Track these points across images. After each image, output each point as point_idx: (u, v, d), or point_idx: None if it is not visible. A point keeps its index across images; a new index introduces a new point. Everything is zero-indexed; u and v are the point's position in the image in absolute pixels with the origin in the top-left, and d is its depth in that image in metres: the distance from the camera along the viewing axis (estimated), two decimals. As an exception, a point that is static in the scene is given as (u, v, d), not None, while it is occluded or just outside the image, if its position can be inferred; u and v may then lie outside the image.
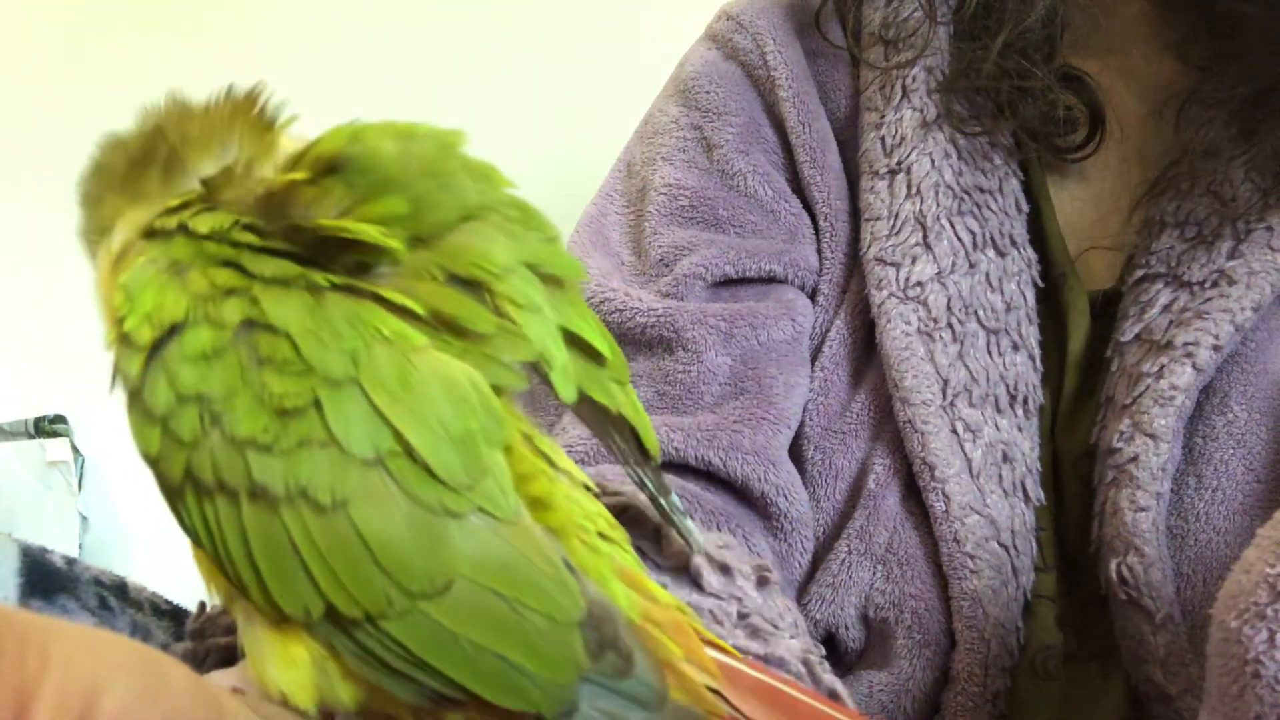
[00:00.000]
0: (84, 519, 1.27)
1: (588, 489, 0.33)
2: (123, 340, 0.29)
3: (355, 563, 0.27)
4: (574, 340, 0.33)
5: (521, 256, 0.32)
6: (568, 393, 0.33)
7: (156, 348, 0.28)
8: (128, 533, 1.28)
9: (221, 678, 0.31)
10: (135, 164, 0.32)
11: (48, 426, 1.28)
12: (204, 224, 0.29)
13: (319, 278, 0.29)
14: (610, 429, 0.36)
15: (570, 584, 0.29)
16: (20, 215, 1.32)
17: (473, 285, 0.31)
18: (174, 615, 0.50)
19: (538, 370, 0.32)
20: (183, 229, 0.30)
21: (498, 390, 0.30)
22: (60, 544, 1.16)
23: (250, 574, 0.28)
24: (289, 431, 0.27)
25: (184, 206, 0.30)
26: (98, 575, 0.48)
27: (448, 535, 0.28)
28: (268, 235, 0.29)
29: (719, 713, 0.30)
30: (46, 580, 0.46)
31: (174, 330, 0.28)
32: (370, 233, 0.29)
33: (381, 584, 0.27)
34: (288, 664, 0.29)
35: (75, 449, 1.28)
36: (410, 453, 0.28)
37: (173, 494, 0.29)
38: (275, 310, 0.28)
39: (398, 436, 0.28)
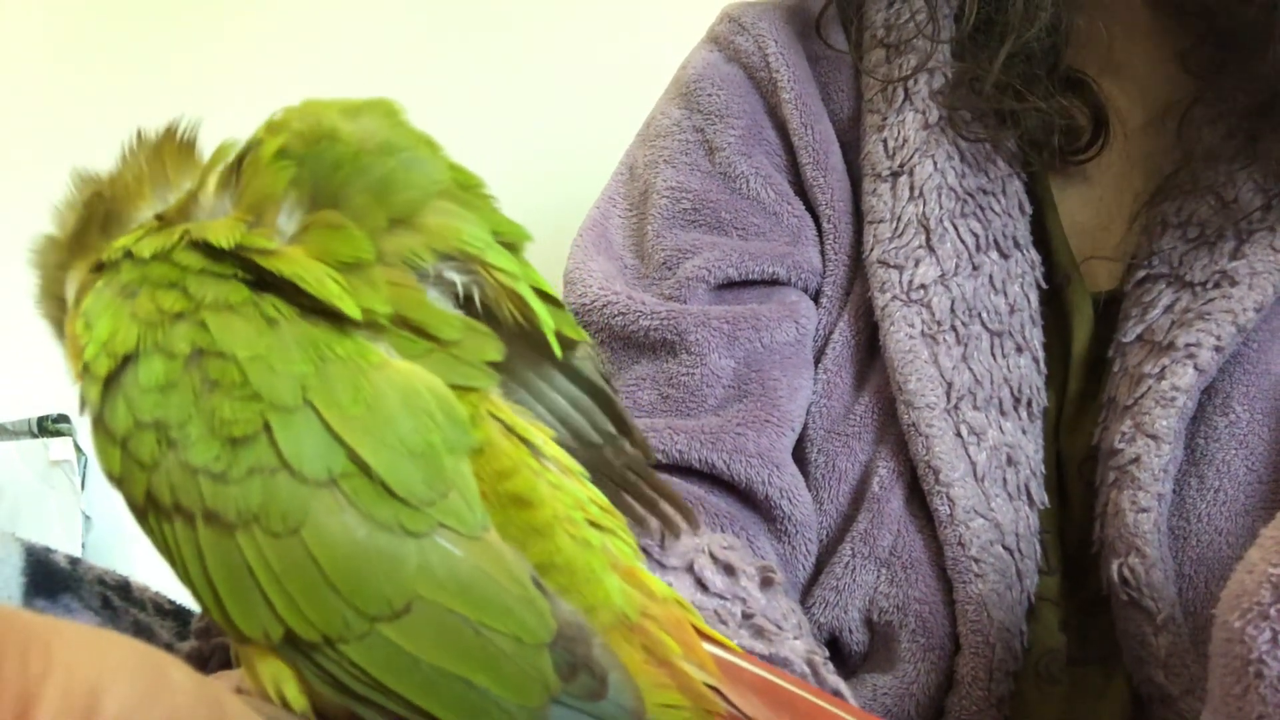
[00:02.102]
0: (87, 518, 1.27)
1: (582, 475, 0.33)
2: (84, 369, 0.29)
3: (310, 586, 0.27)
4: (544, 297, 0.33)
5: (488, 226, 0.32)
6: (560, 351, 0.33)
7: (113, 377, 0.28)
8: (131, 532, 1.28)
9: (223, 678, 0.31)
10: (78, 231, 0.32)
11: (51, 426, 1.28)
12: (147, 247, 0.29)
13: (268, 305, 0.28)
14: (591, 402, 0.35)
15: (539, 603, 0.28)
16: (21, 215, 1.32)
17: (463, 261, 0.31)
18: (177, 615, 0.50)
19: (530, 340, 0.32)
20: (128, 255, 0.30)
21: (469, 390, 0.30)
22: (63, 543, 1.16)
23: (209, 596, 0.28)
24: (240, 460, 0.27)
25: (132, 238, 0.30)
26: (101, 575, 0.48)
27: (405, 556, 0.27)
28: (219, 257, 0.29)
29: (718, 711, 0.30)
30: (50, 580, 0.46)
31: (128, 360, 0.28)
32: (327, 288, 0.28)
33: (337, 607, 0.27)
34: (272, 675, 0.28)
35: (78, 448, 1.28)
36: (367, 471, 0.27)
37: (138, 512, 0.29)
38: (223, 336, 0.28)
39: (352, 456, 0.27)
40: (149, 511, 0.28)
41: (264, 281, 0.29)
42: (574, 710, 0.28)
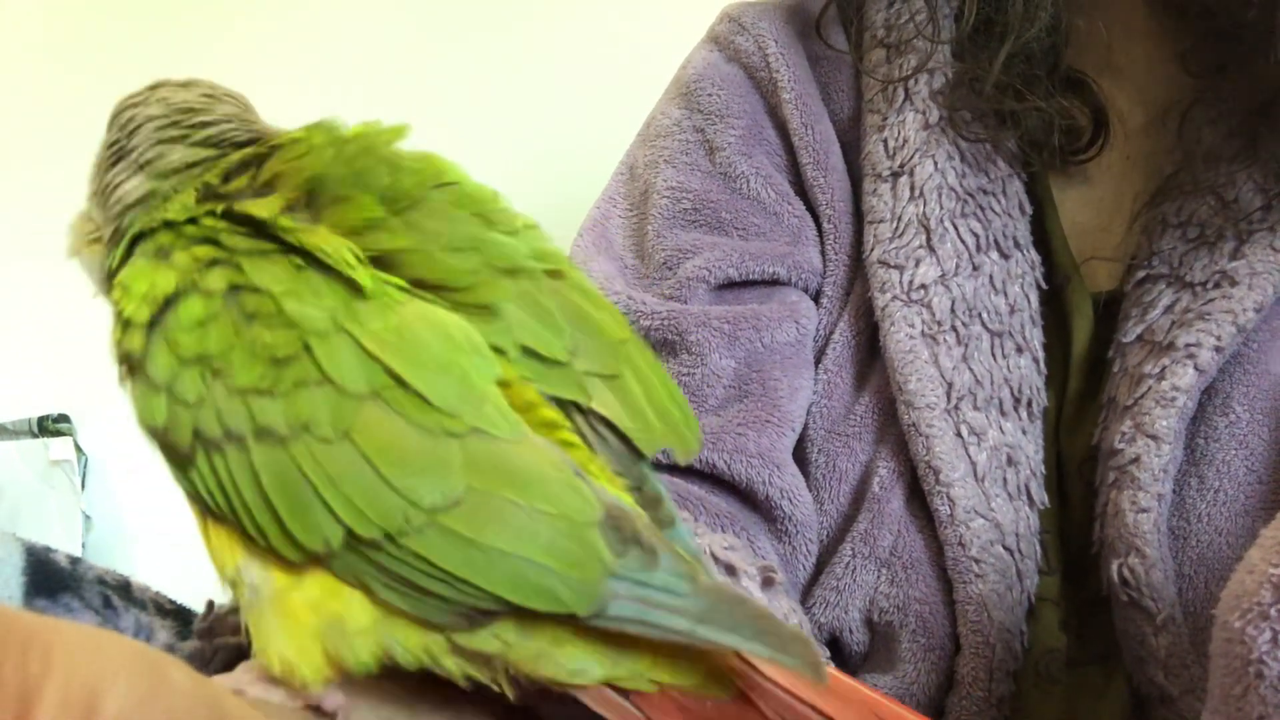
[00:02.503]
0: (87, 518, 1.27)
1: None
2: (125, 326, 0.30)
3: (366, 485, 0.28)
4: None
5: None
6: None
7: (154, 322, 0.30)
8: (131, 532, 1.28)
9: (222, 680, 0.31)
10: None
11: (51, 426, 1.28)
12: (178, 212, 0.31)
13: (296, 259, 0.30)
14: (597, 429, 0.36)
15: (582, 488, 0.29)
16: (23, 215, 1.32)
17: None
18: (177, 614, 0.50)
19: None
20: (165, 224, 0.32)
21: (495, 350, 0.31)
22: (64, 543, 1.16)
23: (268, 516, 0.28)
24: (285, 375, 0.29)
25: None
26: (101, 574, 0.48)
27: (452, 452, 0.28)
28: (248, 226, 0.31)
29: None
30: (51, 579, 0.46)
31: (168, 303, 0.30)
32: (344, 256, 0.30)
33: (395, 502, 0.28)
34: (297, 636, 0.29)
35: (78, 448, 1.29)
36: (404, 385, 0.29)
37: (183, 460, 0.29)
38: (257, 275, 0.30)
39: (389, 372, 0.29)
40: (196, 452, 0.29)
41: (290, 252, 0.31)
42: (632, 582, 0.29)
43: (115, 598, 0.48)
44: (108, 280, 0.33)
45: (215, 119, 0.34)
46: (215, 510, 0.30)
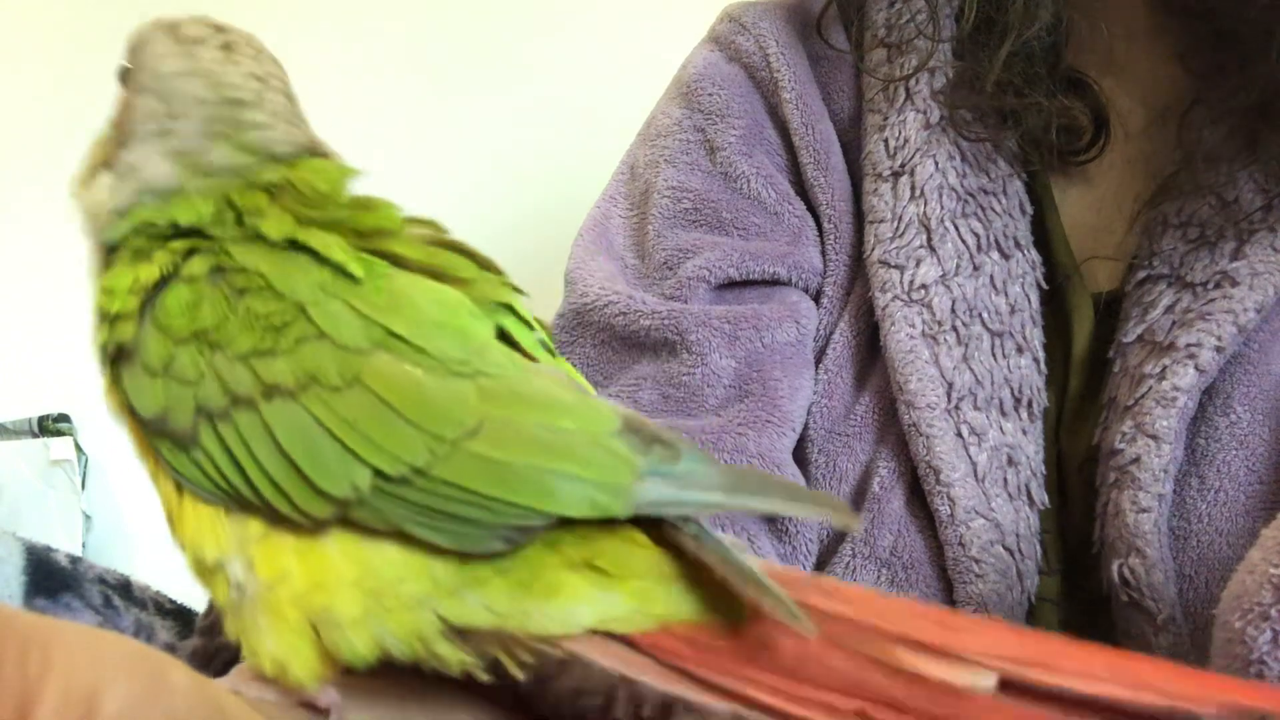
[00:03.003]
0: (87, 518, 1.27)
1: None
2: (112, 322, 0.30)
3: (386, 424, 0.28)
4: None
5: None
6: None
7: (144, 311, 0.30)
8: (131, 532, 1.28)
9: (221, 680, 0.31)
10: None
11: (51, 425, 1.28)
12: (188, 215, 0.32)
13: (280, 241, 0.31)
14: None
15: (595, 404, 0.30)
16: (23, 215, 1.32)
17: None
18: (177, 614, 0.50)
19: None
20: (138, 231, 0.32)
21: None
22: (64, 543, 1.16)
23: (288, 473, 0.28)
24: (286, 335, 0.29)
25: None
26: (102, 574, 0.48)
27: (463, 388, 0.29)
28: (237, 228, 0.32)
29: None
30: (51, 579, 0.46)
31: (155, 291, 0.30)
32: (334, 250, 0.31)
33: (417, 436, 0.28)
34: (286, 634, 0.29)
35: (79, 448, 1.29)
36: (404, 340, 0.29)
37: (186, 442, 0.29)
38: (242, 256, 0.30)
39: (388, 330, 0.29)
40: (200, 429, 0.29)
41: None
42: (661, 476, 0.29)
43: (115, 597, 0.48)
44: (97, 253, 0.33)
45: (265, 119, 0.33)
46: (222, 488, 0.29)
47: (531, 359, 0.32)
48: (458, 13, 1.17)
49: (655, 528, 0.30)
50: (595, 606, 0.29)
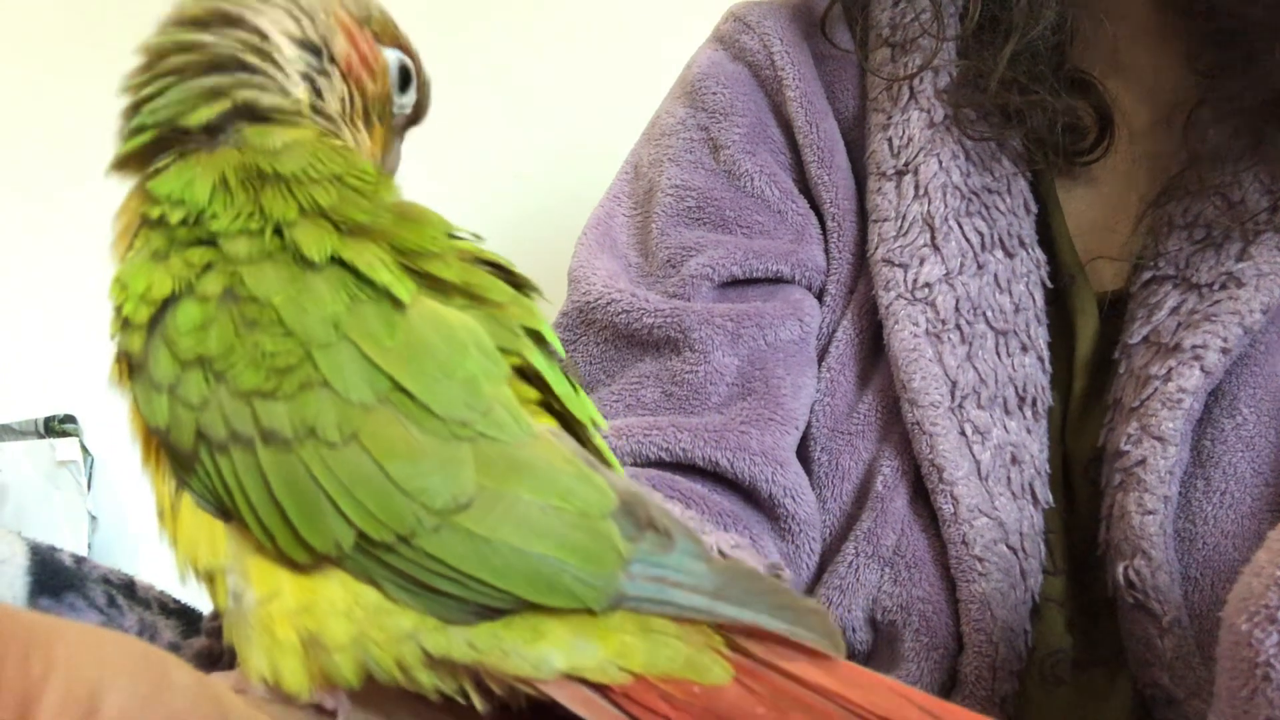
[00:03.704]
0: (93, 518, 1.28)
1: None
2: (124, 325, 0.30)
3: (376, 489, 0.28)
4: None
5: None
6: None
7: (154, 324, 0.29)
8: (136, 532, 1.28)
9: (223, 678, 0.31)
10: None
11: (57, 426, 1.28)
12: (175, 214, 0.31)
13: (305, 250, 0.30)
14: None
15: (595, 479, 0.29)
16: (28, 216, 1.33)
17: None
18: (182, 613, 0.50)
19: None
20: (161, 220, 0.31)
21: (511, 353, 0.31)
22: (69, 543, 1.16)
23: (276, 518, 0.28)
24: (289, 379, 0.28)
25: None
26: (106, 574, 0.48)
27: (461, 453, 0.28)
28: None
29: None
30: (55, 578, 0.46)
31: (166, 305, 0.29)
32: (379, 270, 0.30)
33: (406, 505, 0.28)
34: (276, 652, 0.29)
35: (84, 449, 1.29)
36: (409, 395, 0.28)
37: (188, 461, 0.29)
38: (254, 282, 0.29)
39: (394, 382, 0.28)
40: (200, 453, 0.29)
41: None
42: (648, 565, 0.28)
43: (119, 597, 0.48)
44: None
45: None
46: (221, 506, 0.29)
47: (554, 395, 0.32)
48: (459, 11, 1.17)
49: None
50: (570, 655, 0.28)
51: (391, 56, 0.36)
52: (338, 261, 0.30)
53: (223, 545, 0.29)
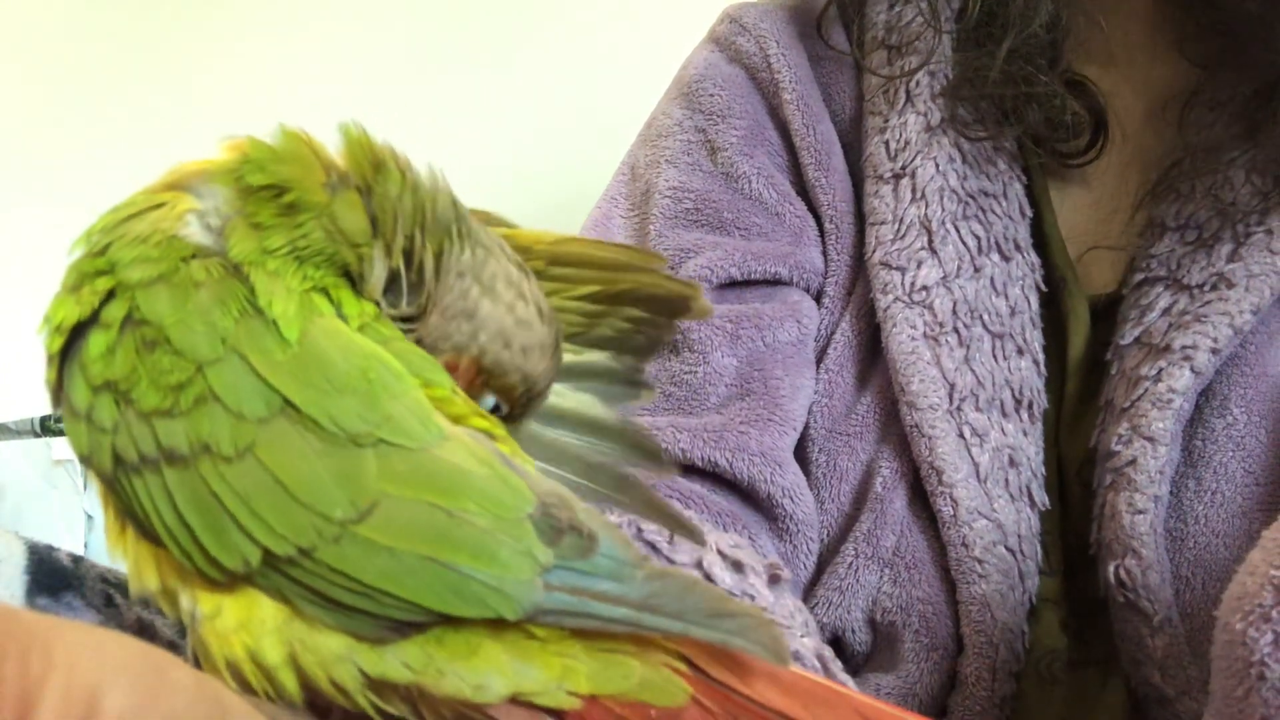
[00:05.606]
0: (90, 517, 1.27)
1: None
2: (48, 359, 0.31)
3: (275, 501, 0.27)
4: None
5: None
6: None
7: (65, 353, 0.30)
8: (134, 532, 1.28)
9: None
10: None
11: (54, 425, 1.28)
12: (83, 246, 0.31)
13: (198, 268, 0.29)
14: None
15: (512, 480, 0.28)
16: (26, 215, 1.33)
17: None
18: (179, 613, 0.50)
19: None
20: (77, 254, 0.31)
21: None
22: (66, 542, 1.16)
23: (187, 538, 0.28)
24: (184, 396, 0.28)
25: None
26: (104, 573, 0.48)
27: (362, 461, 0.27)
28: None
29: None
30: (53, 578, 0.46)
31: (76, 334, 0.30)
32: (275, 300, 0.29)
33: (304, 517, 0.27)
34: (232, 666, 0.28)
35: (82, 448, 1.29)
36: (301, 408, 0.28)
37: (108, 483, 0.29)
38: (147, 305, 0.29)
39: (285, 399, 0.28)
40: (119, 476, 0.29)
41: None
42: (569, 571, 0.27)
43: (117, 595, 0.48)
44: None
45: None
46: (147, 530, 0.29)
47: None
48: (458, 11, 1.17)
49: None
50: (509, 678, 0.27)
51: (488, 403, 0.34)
52: (233, 275, 0.29)
53: (163, 567, 0.29)
